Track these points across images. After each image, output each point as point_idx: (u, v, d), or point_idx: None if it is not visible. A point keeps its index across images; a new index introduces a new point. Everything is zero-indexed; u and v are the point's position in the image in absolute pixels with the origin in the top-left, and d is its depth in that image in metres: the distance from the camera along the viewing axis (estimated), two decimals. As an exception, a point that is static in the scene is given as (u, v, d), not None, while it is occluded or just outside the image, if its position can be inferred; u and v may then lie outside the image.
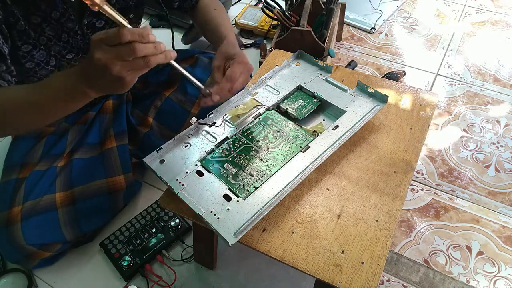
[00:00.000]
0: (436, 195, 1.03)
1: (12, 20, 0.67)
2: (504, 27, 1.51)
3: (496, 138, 1.15)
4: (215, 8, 0.93)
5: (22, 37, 0.70)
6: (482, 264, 0.90)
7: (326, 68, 0.83)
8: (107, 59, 0.50)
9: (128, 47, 0.50)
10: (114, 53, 0.50)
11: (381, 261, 0.59)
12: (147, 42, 0.52)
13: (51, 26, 0.73)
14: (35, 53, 0.74)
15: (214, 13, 0.92)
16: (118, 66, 0.51)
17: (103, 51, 0.50)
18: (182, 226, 0.96)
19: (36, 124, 0.70)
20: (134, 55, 0.51)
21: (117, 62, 0.50)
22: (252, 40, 1.50)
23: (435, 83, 1.32)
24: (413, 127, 0.77)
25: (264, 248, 0.61)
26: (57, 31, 0.75)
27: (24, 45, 0.71)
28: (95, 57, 0.50)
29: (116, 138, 0.96)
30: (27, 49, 0.72)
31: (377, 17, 1.54)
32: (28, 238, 0.82)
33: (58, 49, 0.78)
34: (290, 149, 0.70)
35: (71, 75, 0.57)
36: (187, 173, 0.66)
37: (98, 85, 0.56)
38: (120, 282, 0.90)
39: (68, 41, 0.77)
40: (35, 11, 0.69)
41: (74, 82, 0.56)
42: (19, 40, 0.70)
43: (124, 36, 0.50)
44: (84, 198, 0.89)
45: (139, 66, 0.52)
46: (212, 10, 0.92)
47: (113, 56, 0.50)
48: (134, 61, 0.52)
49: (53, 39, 0.75)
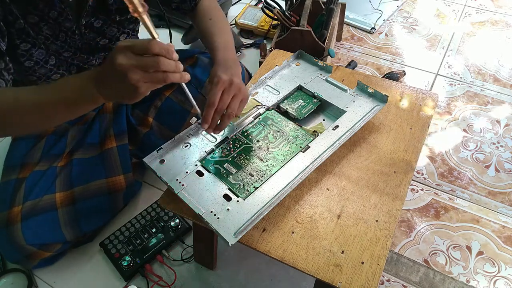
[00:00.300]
0: (436, 195, 1.03)
1: (10, 19, 0.67)
2: (504, 27, 1.51)
3: (496, 138, 1.15)
4: (211, 18, 0.87)
5: (21, 35, 0.70)
6: (482, 264, 0.90)
7: (326, 68, 0.83)
8: (130, 65, 0.51)
9: (153, 59, 0.51)
10: (137, 62, 0.51)
11: (381, 261, 0.59)
12: (171, 59, 0.53)
13: (49, 25, 0.73)
14: (34, 52, 0.74)
15: (209, 23, 0.86)
16: (137, 75, 0.51)
17: (127, 58, 0.51)
18: (182, 226, 0.96)
19: (37, 126, 0.70)
20: (157, 67, 0.52)
21: (138, 71, 0.51)
22: (252, 40, 1.50)
23: (435, 83, 1.32)
24: (413, 127, 0.77)
25: (264, 248, 0.61)
26: (54, 31, 0.75)
27: (23, 43, 0.71)
28: (118, 62, 0.51)
29: (116, 138, 0.96)
30: (26, 47, 0.72)
31: (377, 17, 1.54)
32: (28, 238, 0.82)
33: (56, 48, 0.78)
34: (290, 149, 0.70)
35: (83, 78, 0.57)
36: (187, 173, 0.66)
37: (111, 91, 0.56)
38: (120, 282, 0.90)
39: (65, 40, 0.77)
40: (33, 10, 0.69)
41: (85, 85, 0.56)
42: (18, 39, 0.70)
43: (153, 48, 0.51)
44: (84, 198, 0.89)
45: (157, 80, 0.53)
46: (208, 19, 0.87)
47: (136, 64, 0.51)
48: (154, 74, 0.52)
49: (50, 38, 0.75)
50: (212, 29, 0.84)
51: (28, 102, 0.58)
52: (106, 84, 0.55)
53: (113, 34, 0.85)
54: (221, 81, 0.67)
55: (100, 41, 0.84)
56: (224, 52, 0.77)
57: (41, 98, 0.58)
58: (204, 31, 0.85)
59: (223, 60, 0.74)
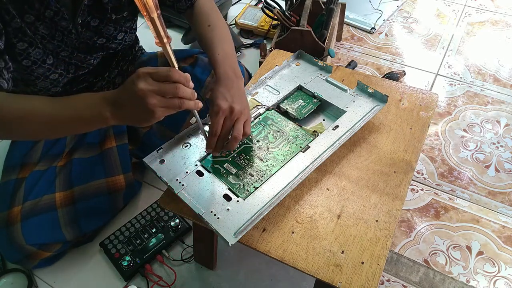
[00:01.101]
0: (436, 195, 1.03)
1: (7, 18, 0.67)
2: (504, 27, 1.51)
3: (496, 138, 1.15)
4: (209, 24, 0.84)
5: (17, 34, 0.70)
6: (482, 264, 0.90)
7: (326, 68, 0.83)
8: (149, 90, 0.54)
9: (172, 85, 0.55)
10: (157, 87, 0.55)
11: (381, 261, 0.59)
12: (188, 87, 0.57)
13: (45, 24, 0.73)
14: (31, 51, 0.74)
15: (207, 29, 0.84)
16: (155, 100, 0.55)
17: (147, 83, 0.55)
18: (182, 226, 0.96)
19: (43, 136, 0.72)
20: (175, 94, 0.56)
21: (156, 96, 0.55)
22: (252, 40, 1.50)
23: (435, 83, 1.32)
24: (413, 127, 0.77)
25: (264, 248, 0.61)
26: (51, 30, 0.75)
27: (20, 42, 0.71)
28: (138, 87, 0.54)
29: (115, 138, 0.96)
30: (23, 46, 0.72)
31: (377, 17, 1.54)
32: (28, 238, 0.82)
33: (53, 47, 0.78)
34: (290, 149, 0.70)
35: (97, 100, 0.60)
36: (187, 173, 0.66)
37: (127, 114, 0.59)
38: (120, 282, 0.90)
39: (62, 39, 0.77)
40: (29, 9, 0.70)
41: (99, 106, 0.59)
42: (15, 38, 0.70)
43: (173, 75, 0.55)
44: (84, 198, 0.89)
45: (173, 105, 0.56)
46: (206, 26, 0.85)
47: (156, 89, 0.55)
48: (171, 100, 0.56)
49: (47, 37, 0.75)
50: (211, 37, 0.82)
51: (43, 114, 0.61)
52: (123, 107, 0.58)
53: (110, 33, 0.85)
54: (221, 111, 0.67)
55: (98, 40, 0.84)
56: (224, 65, 0.76)
57: (55, 112, 0.61)
58: (203, 39, 0.84)
59: (224, 75, 0.74)
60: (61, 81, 0.81)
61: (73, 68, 0.84)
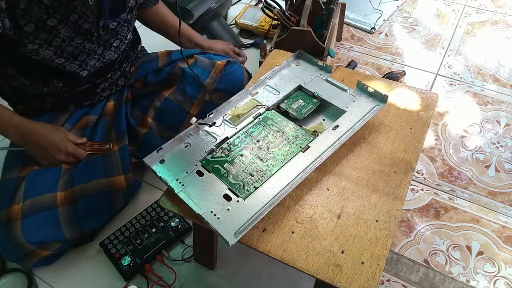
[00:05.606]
0: (436, 195, 1.03)
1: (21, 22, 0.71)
2: (504, 27, 1.51)
3: (496, 138, 1.15)
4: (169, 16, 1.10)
5: (25, 16, 0.71)
6: (482, 264, 0.90)
7: (326, 68, 0.83)
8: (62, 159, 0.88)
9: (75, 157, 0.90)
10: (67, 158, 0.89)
11: (381, 261, 0.59)
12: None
13: (67, 28, 0.76)
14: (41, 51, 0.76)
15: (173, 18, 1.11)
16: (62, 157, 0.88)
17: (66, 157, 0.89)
18: (182, 226, 0.96)
19: None
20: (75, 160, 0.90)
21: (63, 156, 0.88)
22: (252, 40, 1.50)
23: (435, 83, 1.32)
24: (413, 127, 0.77)
25: (264, 248, 0.61)
26: (71, 33, 0.77)
27: (28, 24, 0.72)
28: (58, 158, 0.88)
29: (117, 140, 0.96)
30: (31, 29, 0.73)
31: (377, 17, 1.54)
32: (27, 236, 0.82)
33: (71, 50, 0.79)
34: (290, 149, 0.70)
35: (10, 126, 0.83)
36: (187, 173, 0.66)
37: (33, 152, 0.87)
38: (120, 282, 0.90)
39: (82, 42, 0.81)
40: (53, 14, 0.71)
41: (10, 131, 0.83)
42: (22, 20, 0.71)
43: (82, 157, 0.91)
44: (84, 196, 0.89)
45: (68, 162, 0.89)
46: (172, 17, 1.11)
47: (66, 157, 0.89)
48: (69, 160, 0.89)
49: (67, 39, 0.77)
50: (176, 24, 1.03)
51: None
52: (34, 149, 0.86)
53: (123, 34, 0.87)
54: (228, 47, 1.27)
55: (114, 43, 0.86)
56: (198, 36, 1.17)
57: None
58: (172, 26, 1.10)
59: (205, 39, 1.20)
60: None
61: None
